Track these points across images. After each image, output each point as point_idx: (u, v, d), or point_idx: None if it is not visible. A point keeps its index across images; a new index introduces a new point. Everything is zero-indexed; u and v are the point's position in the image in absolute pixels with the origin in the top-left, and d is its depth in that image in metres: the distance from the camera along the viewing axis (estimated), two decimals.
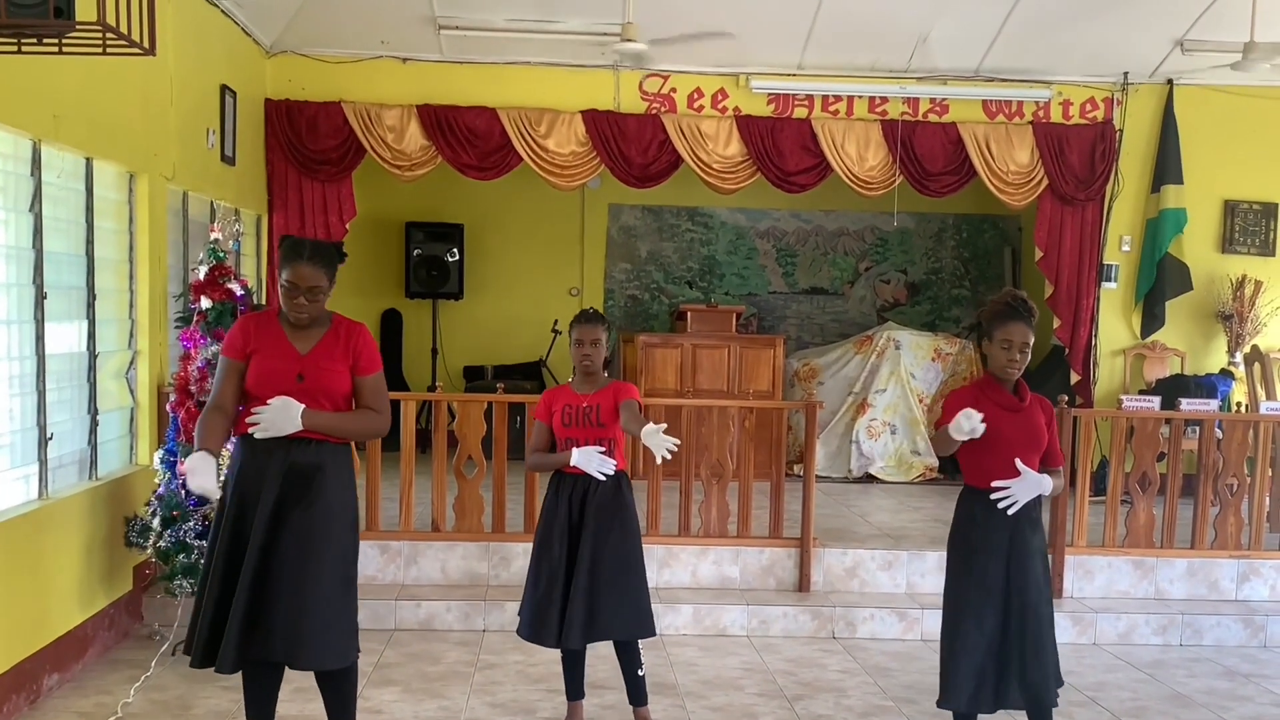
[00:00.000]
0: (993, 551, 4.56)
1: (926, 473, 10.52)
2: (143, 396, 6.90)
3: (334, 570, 4.37)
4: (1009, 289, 4.91)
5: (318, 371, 4.36)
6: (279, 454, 4.32)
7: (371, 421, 4.52)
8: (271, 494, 4.30)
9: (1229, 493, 7.64)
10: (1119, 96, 10.25)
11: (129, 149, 6.66)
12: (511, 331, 12.14)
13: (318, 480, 4.35)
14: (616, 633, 5.15)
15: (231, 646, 4.24)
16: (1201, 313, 10.43)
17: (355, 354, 4.45)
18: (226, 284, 6.32)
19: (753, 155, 9.99)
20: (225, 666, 4.28)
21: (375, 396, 4.51)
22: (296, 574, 4.27)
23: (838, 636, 7.08)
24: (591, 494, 5.13)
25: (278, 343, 4.38)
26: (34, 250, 5.66)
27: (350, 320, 4.57)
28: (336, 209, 9.80)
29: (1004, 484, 4.51)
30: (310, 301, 4.38)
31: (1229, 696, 6.23)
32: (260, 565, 4.26)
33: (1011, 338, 4.53)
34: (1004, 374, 4.57)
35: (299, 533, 4.30)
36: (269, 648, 4.29)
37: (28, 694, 5.39)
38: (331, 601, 4.34)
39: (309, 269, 4.39)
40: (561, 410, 5.20)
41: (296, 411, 4.29)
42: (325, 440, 4.39)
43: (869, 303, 12.79)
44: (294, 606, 4.26)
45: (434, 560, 7.33)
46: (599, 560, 5.07)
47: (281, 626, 4.26)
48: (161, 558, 6.15)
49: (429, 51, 9.80)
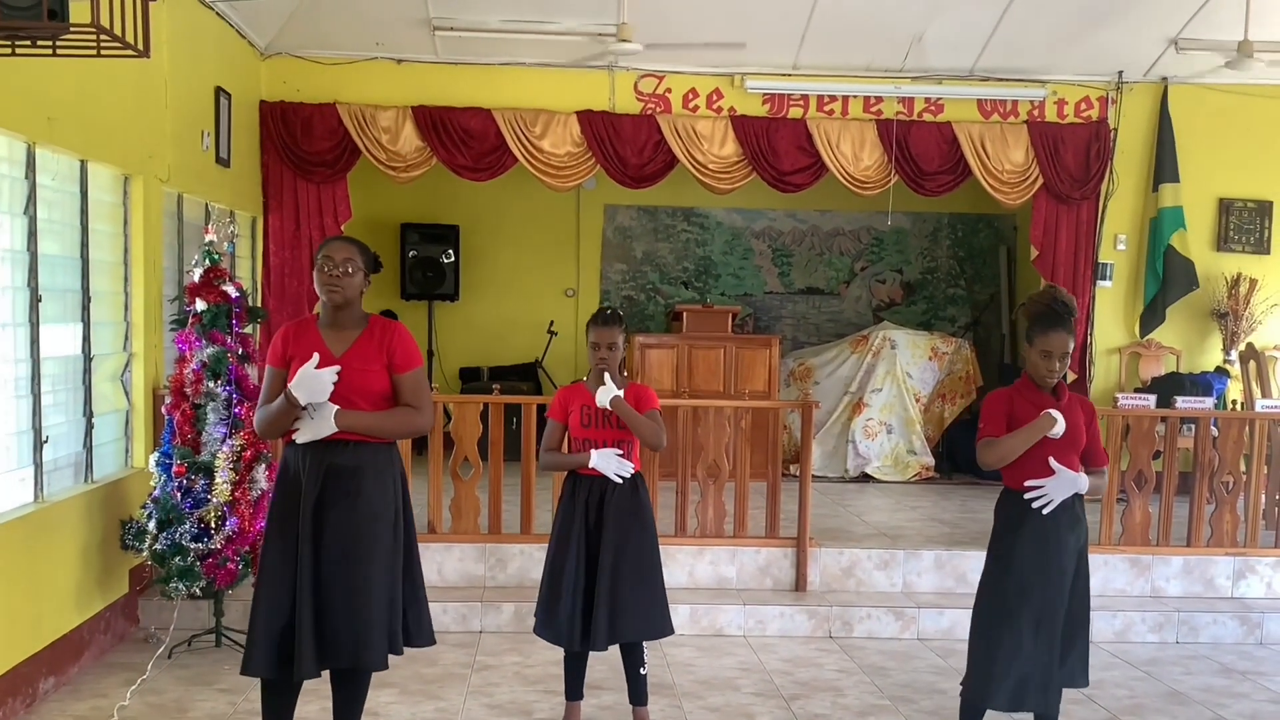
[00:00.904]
0: (1030, 553, 4.54)
1: (923, 472, 10.54)
2: (138, 399, 6.90)
3: (381, 571, 4.38)
4: (1049, 288, 4.83)
5: (352, 372, 4.36)
6: (317, 457, 4.36)
7: (411, 419, 4.49)
8: (311, 497, 4.34)
9: (1225, 490, 7.65)
10: (1114, 95, 10.25)
11: (123, 151, 6.65)
12: (507, 333, 12.14)
13: (356, 481, 4.36)
14: (639, 633, 5.17)
15: (308, 657, 4.30)
16: (1197, 311, 10.43)
17: (390, 351, 4.44)
18: (221, 286, 6.30)
19: (748, 155, 9.99)
20: (302, 673, 4.35)
21: (415, 393, 4.49)
22: (346, 579, 4.32)
23: (834, 636, 7.09)
24: (609, 496, 5.11)
25: (314, 346, 4.39)
26: (29, 253, 5.65)
27: (387, 319, 4.58)
28: (332, 211, 9.79)
29: (1038, 483, 4.50)
30: (344, 275, 4.39)
31: (1225, 694, 6.24)
32: (314, 573, 4.32)
33: (1052, 348, 4.50)
34: (1042, 383, 4.55)
35: (341, 535, 4.34)
36: (337, 655, 4.36)
37: (24, 698, 5.38)
38: (380, 602, 4.37)
39: (341, 244, 4.49)
40: (580, 410, 5.17)
41: (330, 413, 4.30)
42: (365, 441, 4.39)
43: (864, 302, 12.79)
44: (349, 612, 4.32)
45: (430, 562, 7.29)
46: (620, 562, 5.07)
47: (344, 632, 4.32)
48: (157, 561, 6.13)
49: (424, 53, 9.79)
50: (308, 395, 4.29)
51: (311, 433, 4.34)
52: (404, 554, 4.53)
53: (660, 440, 5.14)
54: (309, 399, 4.29)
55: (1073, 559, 4.59)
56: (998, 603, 4.62)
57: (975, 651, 4.69)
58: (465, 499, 7.34)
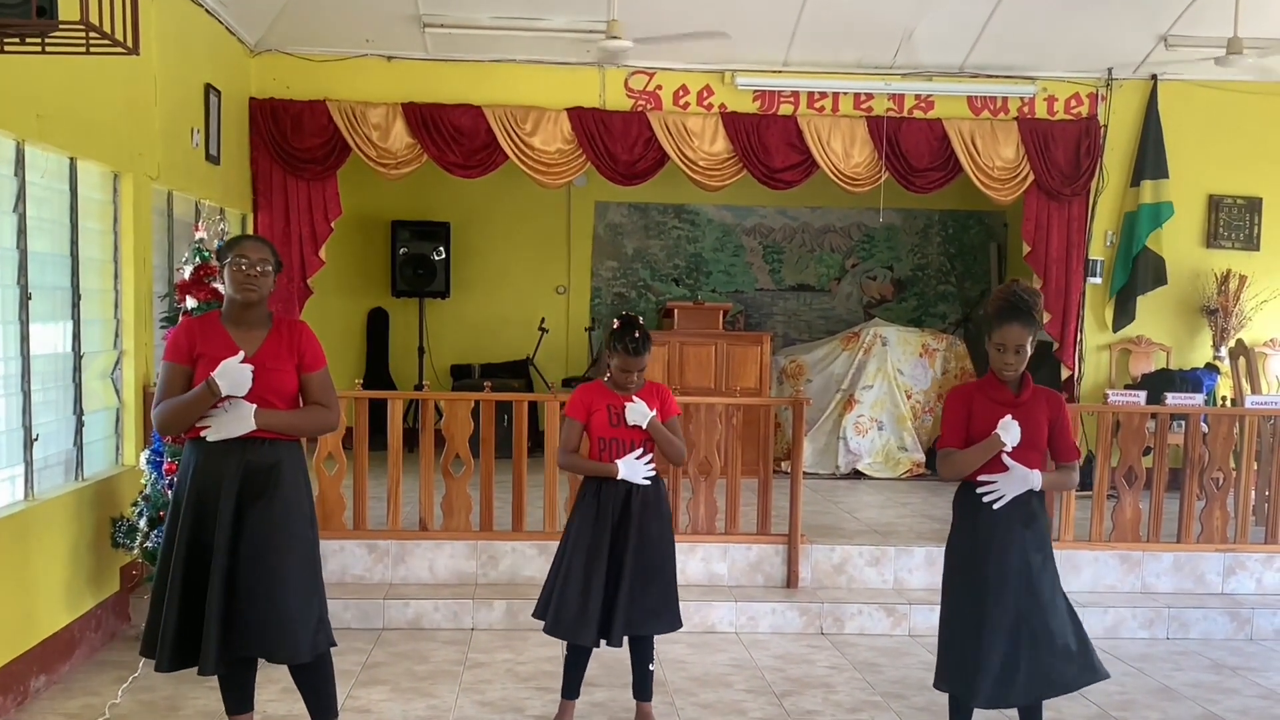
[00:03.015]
0: (985, 547, 4.56)
1: (914, 469, 10.55)
2: (128, 397, 6.88)
3: (299, 564, 4.44)
4: (1013, 281, 4.85)
5: (265, 371, 4.39)
6: (235, 454, 4.37)
7: (323, 417, 4.59)
8: (231, 494, 4.35)
9: (1215, 487, 7.67)
10: (1103, 92, 10.27)
11: (113, 149, 6.63)
12: (498, 330, 12.13)
13: (275, 477, 4.41)
14: (656, 627, 5.21)
15: (212, 648, 4.31)
16: (1186, 307, 10.46)
17: (300, 351, 4.50)
18: (211, 283, 6.29)
19: (738, 152, 9.99)
20: (208, 668, 4.36)
21: (324, 392, 4.57)
22: (264, 571, 4.35)
23: (826, 632, 7.09)
24: (634, 494, 5.13)
25: (223, 345, 4.39)
26: (18, 251, 5.63)
27: (291, 318, 4.66)
28: (322, 208, 9.78)
29: (990, 478, 4.53)
30: (260, 276, 4.41)
31: (1216, 689, 6.26)
32: (229, 565, 4.33)
33: (1006, 341, 4.51)
34: (1000, 375, 4.58)
35: (262, 530, 4.37)
36: (246, 644, 4.38)
37: (15, 696, 5.37)
38: (300, 595, 4.42)
39: (255, 244, 4.51)
40: (606, 410, 5.15)
41: (249, 412, 4.34)
42: (279, 439, 4.45)
43: (855, 299, 12.80)
44: (266, 603, 4.34)
45: (422, 559, 7.33)
46: (643, 558, 5.10)
47: (256, 624, 4.34)
48: (148, 558, 6.13)
49: (414, 50, 9.78)
50: (230, 387, 4.29)
51: (225, 430, 4.35)
52: (317, 551, 4.60)
53: (684, 457, 5.30)
54: (231, 391, 4.30)
55: (1027, 554, 4.55)
56: (957, 597, 4.66)
57: (940, 646, 4.75)
58: (456, 496, 7.33)
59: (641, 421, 5.08)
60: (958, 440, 4.58)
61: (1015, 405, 4.55)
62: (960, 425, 4.58)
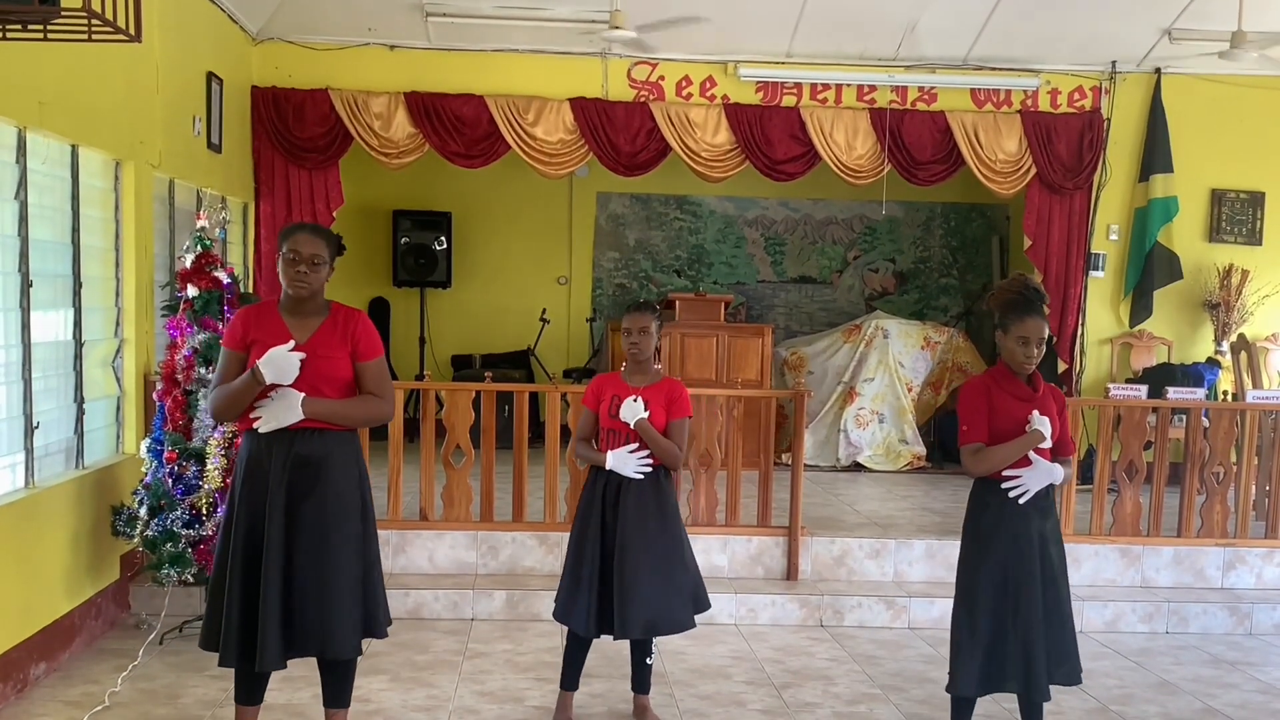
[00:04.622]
0: (1005, 540, 4.58)
1: (914, 461, 10.54)
2: (129, 385, 6.88)
3: (350, 559, 4.39)
4: (1019, 275, 4.88)
5: (316, 359, 4.33)
6: (283, 446, 4.33)
7: (375, 407, 4.48)
8: (280, 487, 4.31)
9: (1215, 481, 7.67)
10: (1107, 86, 10.26)
11: (115, 136, 6.62)
12: (499, 320, 12.13)
13: (324, 470, 4.36)
14: (650, 628, 5.12)
15: (273, 647, 4.30)
16: (1188, 302, 10.45)
17: (354, 340, 4.43)
18: (213, 272, 6.30)
19: (741, 143, 9.98)
20: (268, 665, 4.35)
21: (377, 382, 4.48)
22: (317, 568, 4.32)
23: (825, 625, 7.10)
24: (626, 488, 5.09)
25: (277, 332, 4.36)
26: (19, 238, 5.62)
27: (349, 307, 4.56)
28: (324, 197, 9.77)
29: (1015, 473, 4.54)
30: (311, 270, 4.35)
31: (1215, 684, 6.26)
32: (284, 562, 4.31)
33: (1029, 334, 4.52)
34: (1021, 370, 4.57)
35: (312, 525, 4.33)
36: (305, 645, 4.38)
37: (15, 683, 5.37)
38: (349, 594, 4.39)
39: (308, 236, 4.40)
40: (610, 400, 5.14)
41: (297, 401, 4.28)
42: (329, 429, 4.38)
43: (857, 291, 12.80)
44: (319, 604, 4.33)
45: (422, 549, 7.33)
46: (635, 554, 5.03)
47: (312, 624, 4.34)
48: (149, 547, 6.12)
49: (416, 39, 9.76)
50: (275, 375, 4.24)
51: (275, 420, 4.30)
52: (371, 542, 4.55)
53: (678, 463, 5.19)
54: (275, 379, 4.25)
55: (1043, 546, 4.61)
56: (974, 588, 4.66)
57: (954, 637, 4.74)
58: (457, 487, 7.33)
59: (631, 420, 5.04)
60: (982, 435, 4.57)
61: (1032, 400, 4.55)
62: (983, 420, 4.57)
